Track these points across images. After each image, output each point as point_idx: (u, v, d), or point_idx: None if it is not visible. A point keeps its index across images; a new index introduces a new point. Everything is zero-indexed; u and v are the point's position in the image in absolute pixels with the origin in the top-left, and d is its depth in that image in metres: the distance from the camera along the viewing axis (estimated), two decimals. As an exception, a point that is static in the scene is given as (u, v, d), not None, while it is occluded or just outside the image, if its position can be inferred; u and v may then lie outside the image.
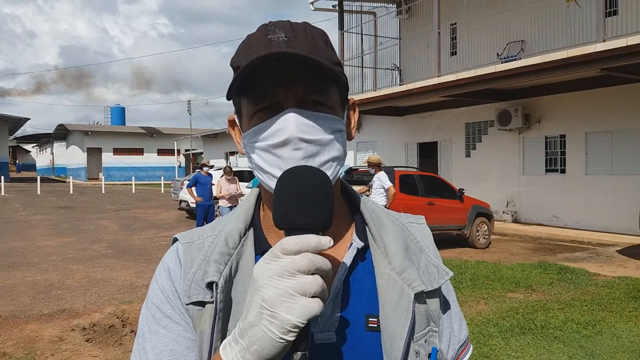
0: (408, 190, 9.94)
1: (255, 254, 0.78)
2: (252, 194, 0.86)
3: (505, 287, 6.80)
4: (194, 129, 41.59)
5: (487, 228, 10.91)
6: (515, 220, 13.94)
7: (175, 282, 0.78)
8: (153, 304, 0.78)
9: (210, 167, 11.34)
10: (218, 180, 10.50)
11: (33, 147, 74.05)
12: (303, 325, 0.58)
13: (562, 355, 4.39)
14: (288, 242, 0.61)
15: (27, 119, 38.25)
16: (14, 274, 7.68)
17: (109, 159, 44.52)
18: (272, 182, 0.73)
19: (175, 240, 0.83)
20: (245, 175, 15.10)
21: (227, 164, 13.67)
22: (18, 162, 71.35)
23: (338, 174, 0.78)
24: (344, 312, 0.76)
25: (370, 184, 8.54)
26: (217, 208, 11.22)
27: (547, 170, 13.46)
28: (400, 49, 17.53)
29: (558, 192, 13.04)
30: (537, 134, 13.56)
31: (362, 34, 17.05)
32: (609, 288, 6.72)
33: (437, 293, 0.81)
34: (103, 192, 30.09)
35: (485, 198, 12.52)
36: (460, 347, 0.86)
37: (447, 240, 10.59)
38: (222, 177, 10.52)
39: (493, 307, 5.89)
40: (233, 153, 32.49)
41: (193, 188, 10.46)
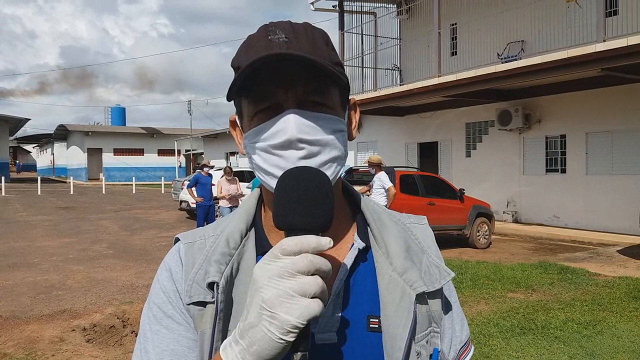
0: (408, 191, 9.94)
1: (257, 254, 0.78)
2: (253, 195, 0.86)
3: (506, 287, 6.79)
4: (195, 129, 41.61)
5: (487, 228, 10.90)
6: (516, 220, 13.94)
7: (177, 282, 0.78)
8: (154, 304, 0.78)
9: (211, 167, 11.35)
10: (218, 181, 10.50)
11: (33, 147, 74.08)
12: (303, 326, 0.58)
13: (562, 355, 4.39)
14: (288, 242, 0.61)
15: (27, 120, 38.27)
16: (15, 275, 7.68)
17: (110, 160, 44.54)
18: (272, 182, 0.73)
19: (177, 240, 0.83)
20: (246, 176, 15.11)
21: (227, 165, 13.67)
22: (18, 162, 71.37)
23: (339, 174, 0.78)
24: (345, 312, 0.76)
25: (371, 184, 8.54)
26: (217, 208, 11.23)
27: (547, 170, 13.46)
28: (401, 49, 17.53)
29: (558, 192, 13.04)
30: (537, 134, 13.56)
31: (362, 34, 17.06)
32: (610, 288, 6.72)
33: (438, 294, 0.80)
34: (103, 192, 30.10)
35: (486, 198, 12.52)
36: (462, 347, 0.86)
37: (447, 241, 10.59)
38: (222, 177, 10.52)
39: (493, 307, 5.89)
40: (233, 153, 32.49)
41: (193, 188, 10.46)
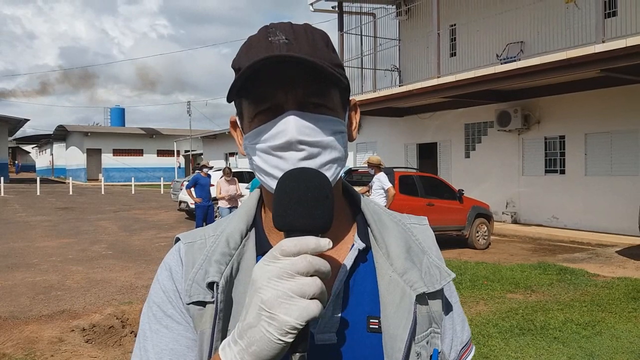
0: (408, 191, 9.95)
1: (257, 255, 0.78)
2: (253, 195, 0.86)
3: (505, 287, 6.80)
4: (194, 130, 41.58)
5: (486, 229, 10.91)
6: (515, 221, 13.95)
7: (177, 281, 0.78)
8: (154, 303, 0.78)
9: (210, 168, 11.34)
10: (218, 181, 10.49)
11: (33, 148, 73.96)
12: (301, 327, 0.58)
13: (561, 356, 4.40)
14: (287, 243, 0.61)
15: (26, 120, 38.25)
16: (14, 275, 7.67)
17: (109, 160, 44.50)
18: (272, 183, 0.73)
19: (178, 240, 0.84)
20: (245, 176, 15.11)
21: (226, 165, 13.67)
22: (17, 163, 71.27)
23: (339, 175, 0.78)
24: (345, 313, 0.76)
25: (370, 185, 8.54)
26: (216, 209, 11.22)
27: (546, 171, 13.47)
28: (400, 50, 17.54)
29: (557, 192, 13.05)
30: (536, 135, 13.57)
31: (361, 35, 17.06)
32: (609, 289, 6.73)
33: (439, 294, 0.80)
34: (103, 193, 30.07)
35: (485, 199, 12.52)
36: (463, 348, 0.86)
37: (446, 241, 10.59)
38: (221, 178, 10.52)
39: (493, 307, 5.89)
40: (233, 154, 32.49)
41: (192, 189, 10.46)
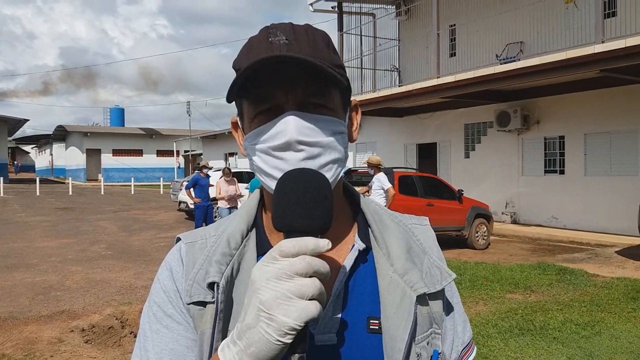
0: (407, 191, 9.95)
1: (258, 255, 0.78)
2: (254, 196, 0.86)
3: (504, 288, 6.80)
4: (193, 130, 41.57)
5: (486, 229, 10.91)
6: (515, 221, 13.95)
7: (177, 281, 0.78)
8: (155, 303, 0.78)
9: (209, 168, 11.34)
10: (217, 182, 10.48)
11: (32, 148, 73.90)
12: (300, 328, 0.58)
13: (561, 356, 4.40)
14: (286, 244, 0.61)
15: (26, 120, 38.19)
16: (13, 275, 7.67)
17: (108, 160, 44.48)
18: (272, 184, 0.73)
19: (179, 240, 0.84)
20: (244, 177, 15.10)
21: (226, 165, 13.67)
22: (16, 163, 71.21)
23: (339, 176, 0.78)
24: (345, 313, 0.76)
25: (370, 185, 8.55)
26: (216, 209, 11.21)
27: (546, 171, 13.47)
28: (400, 50, 17.54)
29: (557, 193, 13.05)
30: (536, 135, 13.58)
31: (361, 35, 17.06)
32: (608, 289, 6.73)
33: (440, 295, 0.80)
34: (102, 193, 30.05)
35: (484, 199, 12.53)
36: (464, 348, 0.86)
37: (446, 241, 10.59)
38: (221, 178, 10.51)
39: (492, 308, 5.90)
40: (232, 154, 32.49)
41: (192, 189, 10.46)
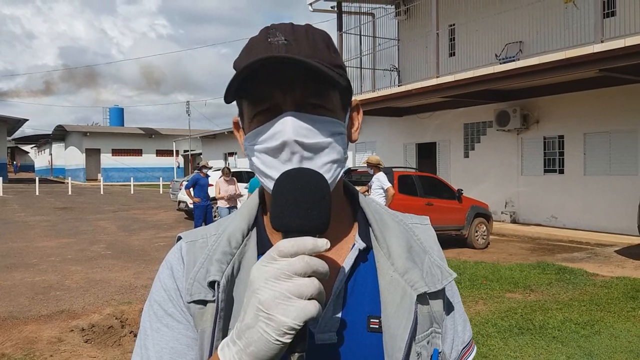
0: (407, 191, 9.95)
1: (258, 254, 0.78)
2: (255, 195, 0.86)
3: (504, 287, 6.80)
4: (193, 130, 41.56)
5: (485, 228, 10.92)
6: (514, 221, 13.95)
7: (178, 280, 0.78)
8: (155, 302, 0.79)
9: (209, 168, 11.34)
10: (217, 181, 10.48)
11: (32, 148, 73.87)
12: (299, 328, 0.59)
13: (560, 355, 4.40)
14: (284, 244, 0.61)
15: (25, 120, 38.19)
16: (13, 275, 7.67)
17: (108, 160, 44.47)
18: (270, 184, 0.73)
19: (180, 239, 0.84)
20: (244, 176, 15.10)
21: (225, 165, 13.66)
22: (16, 163, 71.16)
23: (338, 176, 0.78)
24: (345, 312, 0.76)
25: (370, 185, 8.55)
26: (215, 209, 11.21)
27: (545, 171, 13.47)
28: (399, 50, 17.53)
29: (556, 192, 13.06)
30: (535, 135, 13.58)
31: (360, 35, 17.06)
32: (607, 288, 6.74)
33: (440, 294, 0.80)
34: (102, 193, 30.05)
35: (484, 198, 12.53)
36: (464, 348, 0.86)
37: (445, 241, 10.59)
38: (220, 178, 10.52)
39: (492, 307, 5.90)
40: (232, 154, 32.47)
41: (191, 189, 10.46)
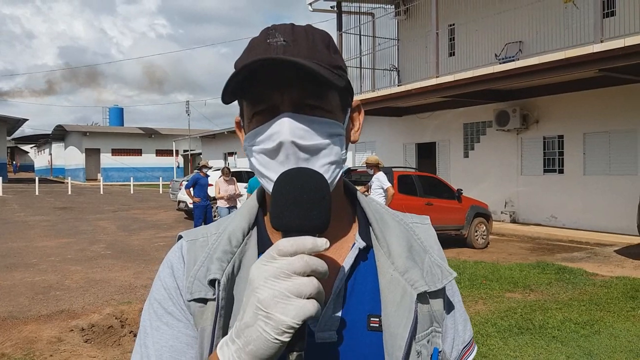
0: (406, 191, 9.95)
1: (259, 253, 0.78)
2: (256, 194, 0.87)
3: (504, 287, 6.81)
4: (193, 130, 41.56)
5: (485, 228, 10.92)
6: (514, 221, 13.96)
7: (178, 278, 0.78)
8: (155, 300, 0.79)
9: (209, 168, 11.34)
10: (216, 181, 10.49)
11: (31, 148, 73.87)
12: (298, 326, 0.59)
13: (560, 355, 4.41)
14: (284, 243, 0.61)
15: (25, 120, 38.19)
16: (13, 275, 7.67)
17: (108, 160, 44.47)
18: (269, 185, 0.74)
19: (180, 238, 0.84)
20: (244, 176, 15.10)
21: (225, 165, 13.67)
22: (15, 163, 71.11)
23: (337, 177, 0.78)
24: (346, 311, 0.76)
25: (369, 185, 8.55)
26: (215, 209, 11.21)
27: (545, 171, 13.48)
28: (399, 50, 17.54)
29: (556, 192, 13.06)
30: (535, 135, 13.58)
31: (360, 35, 17.07)
32: (607, 288, 6.74)
33: (440, 293, 0.81)
34: (101, 192, 30.05)
35: (484, 198, 12.53)
36: (465, 347, 0.86)
37: (445, 241, 10.58)
38: (220, 177, 10.52)
39: (491, 307, 5.90)
40: (231, 154, 32.46)
41: (191, 189, 10.46)
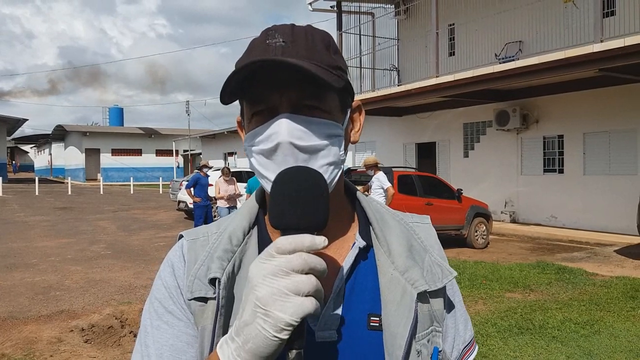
0: (406, 191, 9.95)
1: (259, 252, 0.78)
2: (256, 194, 0.87)
3: (504, 287, 6.81)
4: (193, 130, 41.57)
5: (485, 228, 10.92)
6: (514, 221, 13.96)
7: (179, 278, 0.79)
8: (156, 299, 0.79)
9: (210, 168, 11.34)
10: (216, 181, 10.49)
11: (31, 148, 73.86)
12: (297, 324, 0.59)
13: (560, 355, 4.40)
14: (282, 241, 0.61)
15: (25, 120, 38.17)
16: (13, 275, 7.67)
17: (107, 160, 44.47)
18: (268, 185, 0.74)
19: (181, 237, 0.84)
20: (243, 176, 15.10)
21: (225, 165, 13.67)
22: (15, 163, 71.09)
23: (337, 177, 0.78)
24: (346, 310, 0.76)
25: (369, 185, 8.55)
26: (215, 209, 11.21)
27: (545, 171, 13.48)
28: (399, 50, 17.53)
29: (556, 192, 13.06)
30: (535, 134, 13.58)
31: (360, 35, 17.06)
32: (607, 288, 6.74)
33: (441, 293, 0.81)
34: (101, 192, 30.05)
35: (484, 198, 12.53)
36: (465, 347, 0.86)
37: (445, 241, 10.55)
38: (220, 177, 10.52)
39: (491, 307, 5.90)
40: (231, 154, 32.46)
41: (192, 189, 10.47)
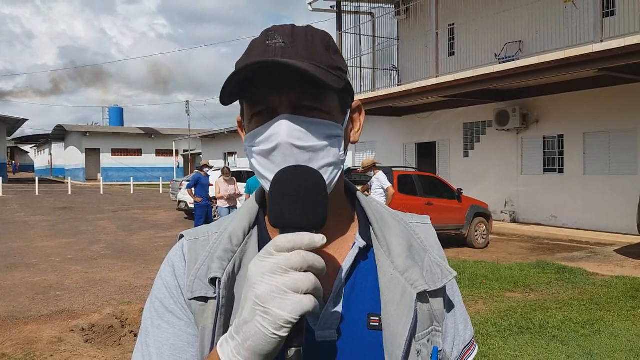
0: (406, 191, 9.95)
1: (259, 252, 0.79)
2: (256, 194, 0.87)
3: (504, 286, 6.81)
4: (193, 130, 41.57)
5: (485, 228, 10.92)
6: (514, 220, 13.96)
7: (179, 277, 0.79)
8: (157, 299, 0.79)
9: (210, 168, 11.35)
10: (216, 181, 10.50)
11: (31, 148, 73.87)
12: (296, 321, 0.59)
13: (560, 355, 4.41)
14: (281, 239, 0.62)
15: (25, 120, 38.18)
16: (13, 275, 7.67)
17: (108, 160, 44.47)
18: (268, 185, 0.74)
19: (182, 237, 0.85)
20: (244, 176, 15.09)
21: (225, 165, 13.66)
22: (15, 163, 71.09)
23: (336, 177, 0.78)
24: (346, 310, 0.76)
25: (369, 185, 8.55)
26: (215, 209, 11.21)
27: (545, 170, 13.48)
28: (399, 50, 17.54)
29: (556, 192, 13.06)
30: (535, 134, 13.59)
31: (360, 35, 17.07)
32: (607, 287, 6.74)
33: (441, 293, 0.81)
34: (101, 192, 30.06)
35: (484, 198, 12.53)
36: (465, 347, 0.86)
37: (445, 240, 10.59)
38: (220, 177, 10.52)
39: (491, 306, 5.90)
40: (231, 153, 32.47)
41: (193, 189, 10.47)
